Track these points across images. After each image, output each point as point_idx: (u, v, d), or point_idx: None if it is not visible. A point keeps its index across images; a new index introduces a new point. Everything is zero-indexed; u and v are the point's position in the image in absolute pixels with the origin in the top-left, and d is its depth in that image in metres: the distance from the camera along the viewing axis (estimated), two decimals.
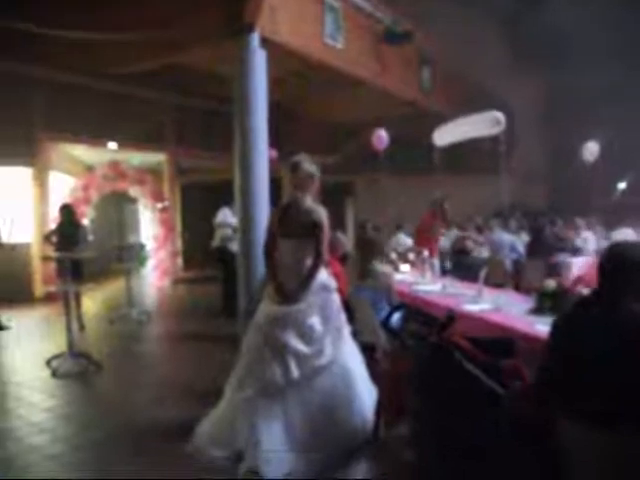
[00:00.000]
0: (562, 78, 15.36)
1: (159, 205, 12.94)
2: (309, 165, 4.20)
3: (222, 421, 4.01)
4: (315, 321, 3.97)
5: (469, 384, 2.49)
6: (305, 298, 3.99)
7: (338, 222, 14.09)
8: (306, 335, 3.93)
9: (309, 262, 4.04)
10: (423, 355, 2.86)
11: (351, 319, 4.34)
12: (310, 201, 4.15)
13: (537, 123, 16.54)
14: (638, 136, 13.30)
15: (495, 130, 8.30)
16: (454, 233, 10.56)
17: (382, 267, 5.05)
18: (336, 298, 4.13)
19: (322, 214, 4.07)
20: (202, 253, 13.69)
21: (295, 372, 3.84)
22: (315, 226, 4.03)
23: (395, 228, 10.15)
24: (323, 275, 4.11)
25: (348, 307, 4.44)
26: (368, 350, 4.23)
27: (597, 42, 13.74)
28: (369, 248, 5.03)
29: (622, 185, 13.70)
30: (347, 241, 6.35)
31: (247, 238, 7.02)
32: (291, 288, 4.01)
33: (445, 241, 9.83)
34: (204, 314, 9.41)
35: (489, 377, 2.52)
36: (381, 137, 11.08)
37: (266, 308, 4.10)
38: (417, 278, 6.97)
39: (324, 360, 3.91)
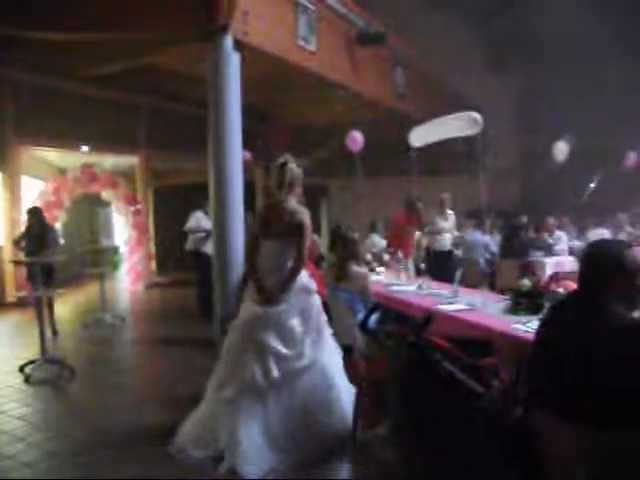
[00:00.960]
0: (534, 79, 15.61)
1: (132, 208, 12.82)
2: (295, 166, 4.23)
3: (203, 422, 4.02)
4: (295, 323, 3.99)
5: (448, 384, 2.51)
6: (286, 299, 4.00)
7: (312, 225, 14.06)
8: (286, 337, 3.96)
9: (291, 263, 4.06)
10: (401, 355, 2.88)
11: (329, 321, 4.35)
12: (295, 202, 4.16)
13: (510, 123, 16.74)
14: (607, 136, 13.51)
15: (473, 130, 8.40)
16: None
17: (357, 269, 5.08)
18: (316, 300, 4.15)
19: (306, 216, 4.09)
20: (176, 256, 13.62)
21: (275, 372, 3.86)
22: (299, 227, 4.04)
23: (369, 229, 10.19)
24: (304, 277, 4.14)
25: (326, 309, 4.46)
26: (346, 352, 4.24)
27: (568, 43, 13.97)
28: (345, 248, 5.00)
29: (592, 185, 13.92)
30: (321, 244, 6.37)
31: (221, 241, 7.01)
32: (272, 289, 4.02)
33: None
34: (179, 318, 9.34)
35: (468, 376, 2.54)
36: (355, 139, 11.11)
37: (247, 309, 4.13)
38: (392, 279, 7.00)
39: (304, 362, 3.93)
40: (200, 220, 9.18)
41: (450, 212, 9.37)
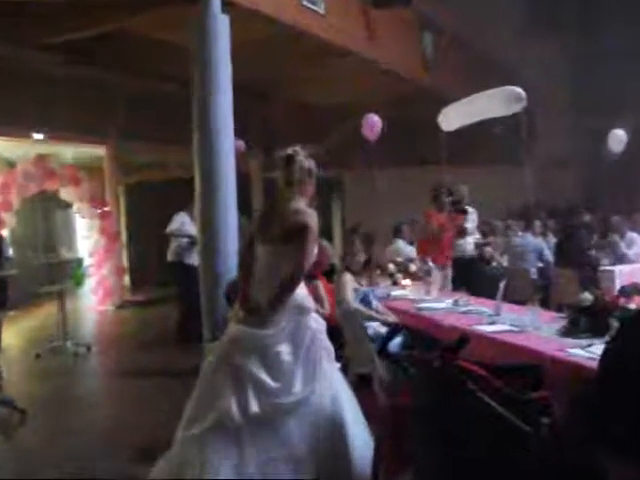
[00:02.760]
0: (594, 44, 15.53)
1: (99, 210, 12.88)
2: (306, 159, 4.23)
3: (172, 461, 4.01)
4: (284, 349, 3.94)
5: (486, 420, 2.50)
6: (275, 320, 3.99)
7: (323, 227, 14.08)
8: (271, 365, 3.91)
9: (285, 275, 4.06)
10: (429, 386, 2.87)
11: (341, 346, 4.35)
12: (302, 203, 4.17)
13: (564, 101, 16.71)
14: None
15: (514, 109, 8.36)
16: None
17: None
18: (312, 324, 4.10)
19: (312, 217, 4.06)
20: (154, 269, 13.66)
21: (254, 406, 3.82)
22: (300, 230, 4.02)
23: (392, 234, 10.19)
24: (300, 292, 4.11)
25: (336, 334, 4.46)
26: (362, 382, 4.23)
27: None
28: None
29: None
30: (333, 251, 6.38)
31: (210, 250, 7.02)
32: (260, 305, 4.02)
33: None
34: (158, 344, 9.40)
35: (511, 412, 2.53)
36: (373, 123, 11.12)
37: (230, 327, 4.14)
38: (421, 294, 7.00)
39: (291, 399, 3.86)
40: (184, 224, 9.24)
41: (471, 210, 9.27)
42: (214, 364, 4.05)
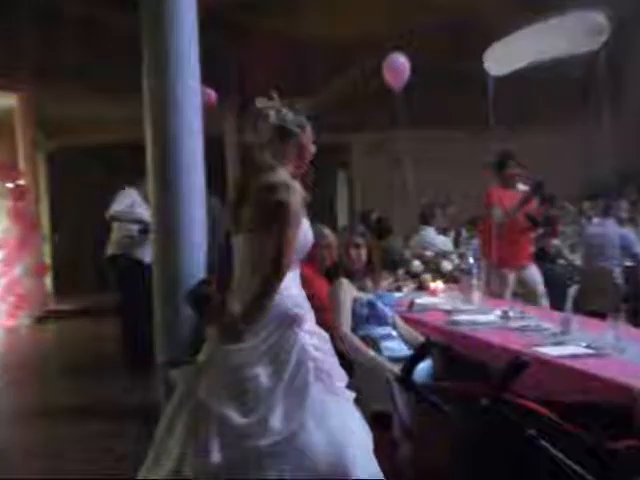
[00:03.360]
0: None
1: (10, 185, 12.85)
2: (287, 113, 4.26)
3: None
4: (260, 372, 3.94)
5: (552, 478, 2.49)
6: (252, 334, 3.99)
7: (323, 212, 14.08)
8: (243, 394, 3.92)
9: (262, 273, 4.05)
10: (471, 429, 2.87)
11: (349, 374, 4.34)
12: (283, 174, 4.16)
13: None
14: None
15: (592, 44, 8.31)
16: None
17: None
18: (303, 339, 4.08)
19: (291, 192, 4.04)
20: (87, 267, 13.66)
21: (216, 455, 3.83)
22: (275, 211, 4.03)
23: (419, 219, 10.20)
24: (290, 295, 4.10)
25: (342, 355, 4.44)
26: (378, 423, 4.22)
27: None
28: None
29: None
30: (337, 244, 6.37)
31: (167, 239, 7.03)
32: (233, 316, 4.02)
33: None
34: (91, 372, 9.37)
35: (587, 467, 2.53)
36: (398, 66, 11.03)
37: (203, 348, 4.18)
38: (458, 303, 7.00)
39: (267, 440, 3.87)
40: (133, 205, 9.30)
41: (522, 187, 9.19)
42: (177, 398, 4.08)
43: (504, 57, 9.43)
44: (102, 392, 8.44)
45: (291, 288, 4.12)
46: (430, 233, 9.83)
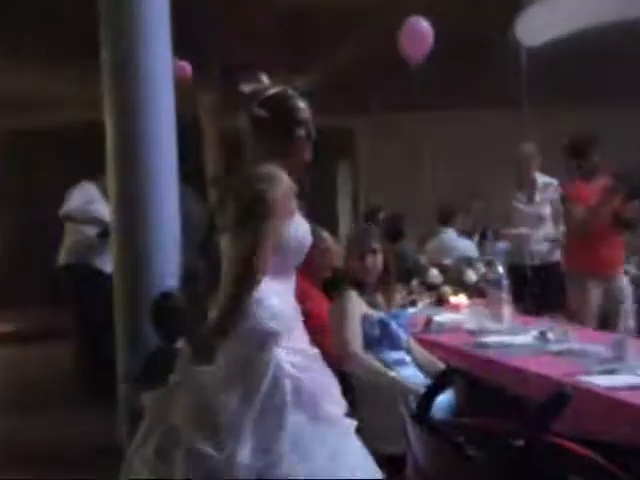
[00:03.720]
0: None
1: None
2: (287, 98, 4.31)
3: None
4: (230, 399, 3.97)
5: None
6: (223, 350, 4.03)
7: (321, 211, 14.03)
8: (214, 425, 3.96)
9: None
10: (500, 476, 2.90)
11: (352, 406, 4.37)
12: (269, 166, 4.19)
13: None
14: None
15: None
16: None
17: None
18: (281, 360, 4.09)
19: (274, 184, 4.07)
20: (30, 279, 13.67)
21: None
22: (252, 206, 4.08)
23: (438, 220, 10.21)
24: (263, 307, 4.13)
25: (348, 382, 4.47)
26: (388, 467, 4.25)
27: None
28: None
29: None
30: (338, 248, 6.39)
31: (131, 244, 7.07)
32: (206, 332, 4.07)
33: None
34: (38, 406, 9.32)
35: None
36: (420, 33, 11.04)
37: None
38: (483, 321, 7.00)
39: (235, 473, 3.92)
40: (90, 202, 9.30)
41: (547, 180, 9.25)
42: (147, 421, 4.15)
43: (539, 24, 9.48)
44: (53, 426, 8.46)
45: (271, 298, 4.14)
46: (450, 235, 9.84)
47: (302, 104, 4.32)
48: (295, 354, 4.11)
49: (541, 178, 9.19)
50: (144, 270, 6.97)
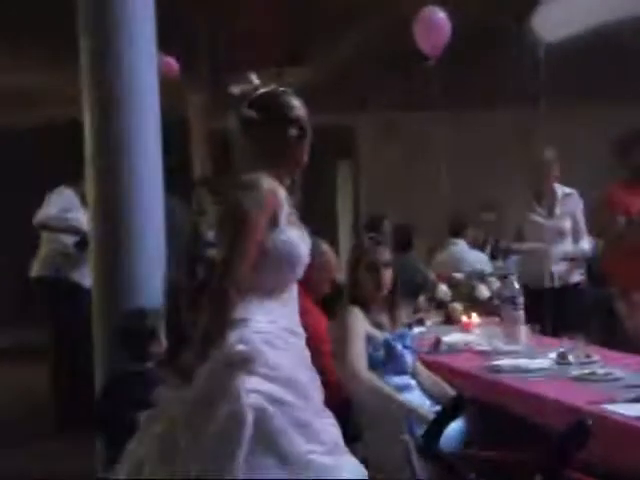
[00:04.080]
0: None
1: None
2: (277, 97, 4.31)
3: None
4: (186, 434, 3.96)
5: None
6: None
7: (319, 219, 14.01)
8: (173, 460, 3.96)
9: (246, 301, 4.08)
10: None
11: (354, 436, 4.33)
12: (257, 175, 4.16)
13: None
14: None
15: None
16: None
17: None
18: (239, 384, 4.05)
19: (253, 192, 4.07)
20: (6, 292, 13.66)
21: None
22: (229, 219, 4.14)
23: (449, 231, 10.17)
24: (237, 328, 4.08)
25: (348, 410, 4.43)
26: None
27: None
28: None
29: None
30: (336, 262, 6.34)
31: (112, 255, 7.01)
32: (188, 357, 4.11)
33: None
34: (9, 437, 9.22)
35: None
36: (437, 25, 11.01)
37: None
38: (497, 342, 6.93)
39: None
40: (68, 209, 9.27)
41: (567, 190, 9.19)
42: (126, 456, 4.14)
43: (558, 17, 9.47)
44: (24, 463, 8.40)
45: (256, 318, 4.11)
46: (462, 248, 9.80)
47: (295, 102, 4.32)
48: (272, 382, 4.03)
49: (560, 188, 9.03)
50: (126, 285, 6.91)
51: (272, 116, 4.25)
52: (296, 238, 4.20)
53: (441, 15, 10.94)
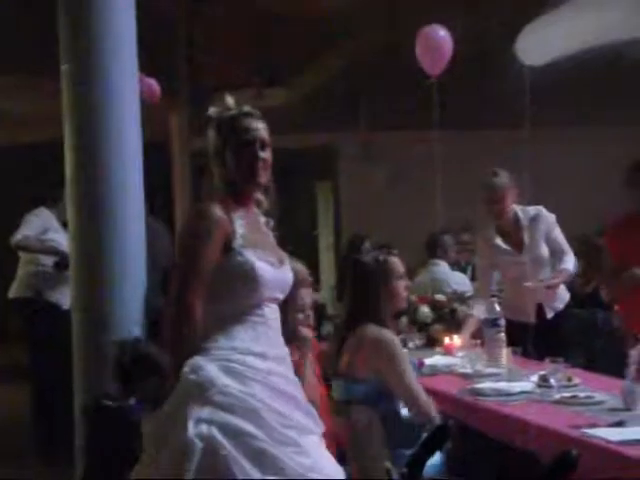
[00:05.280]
0: None
1: None
2: (237, 113, 4.29)
3: None
4: (142, 464, 4.01)
5: None
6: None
7: (298, 240, 14.01)
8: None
9: (209, 328, 4.10)
10: None
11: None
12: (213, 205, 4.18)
13: None
14: None
15: None
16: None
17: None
18: (193, 416, 4.02)
19: (199, 218, 4.17)
20: None
21: None
22: (180, 239, 4.28)
23: (427, 251, 10.16)
24: (200, 355, 4.07)
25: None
26: None
27: None
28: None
29: None
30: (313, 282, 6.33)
31: (91, 277, 7.00)
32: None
33: None
34: None
35: None
36: (438, 42, 11.02)
37: None
38: (480, 365, 6.91)
39: None
40: (47, 229, 9.27)
41: (532, 213, 8.54)
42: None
43: (541, 41, 9.48)
44: None
45: (210, 348, 4.11)
46: (443, 269, 9.79)
47: (257, 124, 4.30)
48: (227, 411, 3.99)
49: (522, 212, 8.17)
50: (106, 306, 6.88)
51: (228, 138, 4.28)
52: (253, 258, 4.16)
53: (442, 33, 10.98)
